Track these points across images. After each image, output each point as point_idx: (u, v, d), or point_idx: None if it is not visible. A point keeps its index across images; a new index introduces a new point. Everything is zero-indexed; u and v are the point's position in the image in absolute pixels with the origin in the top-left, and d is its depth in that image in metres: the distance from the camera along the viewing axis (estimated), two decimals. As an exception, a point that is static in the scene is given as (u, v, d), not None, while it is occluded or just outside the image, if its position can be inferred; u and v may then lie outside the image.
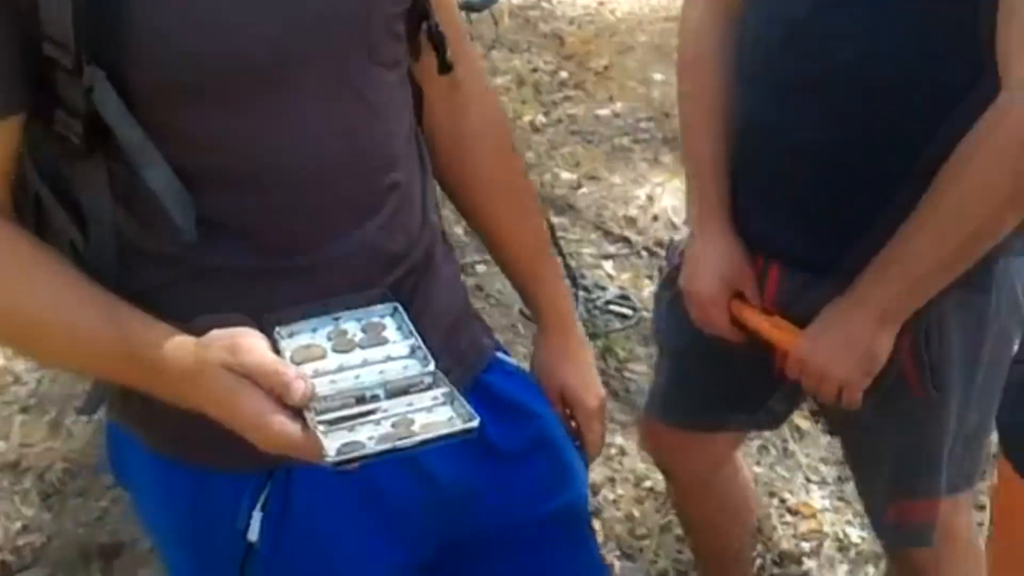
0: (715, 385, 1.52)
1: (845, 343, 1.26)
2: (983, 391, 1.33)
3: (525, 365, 1.24)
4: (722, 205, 1.37)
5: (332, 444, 0.81)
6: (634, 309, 2.81)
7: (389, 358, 0.90)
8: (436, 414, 0.84)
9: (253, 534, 1.04)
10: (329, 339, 0.92)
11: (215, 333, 0.88)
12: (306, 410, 0.84)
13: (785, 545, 2.16)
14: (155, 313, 0.93)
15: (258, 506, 1.04)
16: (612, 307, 2.82)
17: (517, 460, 1.14)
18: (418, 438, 0.81)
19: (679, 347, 1.55)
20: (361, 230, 1.00)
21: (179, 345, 0.89)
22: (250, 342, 0.86)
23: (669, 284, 1.53)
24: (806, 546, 2.16)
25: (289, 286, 0.98)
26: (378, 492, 1.07)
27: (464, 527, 1.14)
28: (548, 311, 1.23)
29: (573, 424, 1.24)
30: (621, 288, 2.89)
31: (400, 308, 0.95)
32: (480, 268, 2.71)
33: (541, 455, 1.17)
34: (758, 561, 2.09)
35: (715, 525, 1.79)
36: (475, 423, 0.81)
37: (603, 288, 2.86)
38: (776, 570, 2.11)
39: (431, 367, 0.88)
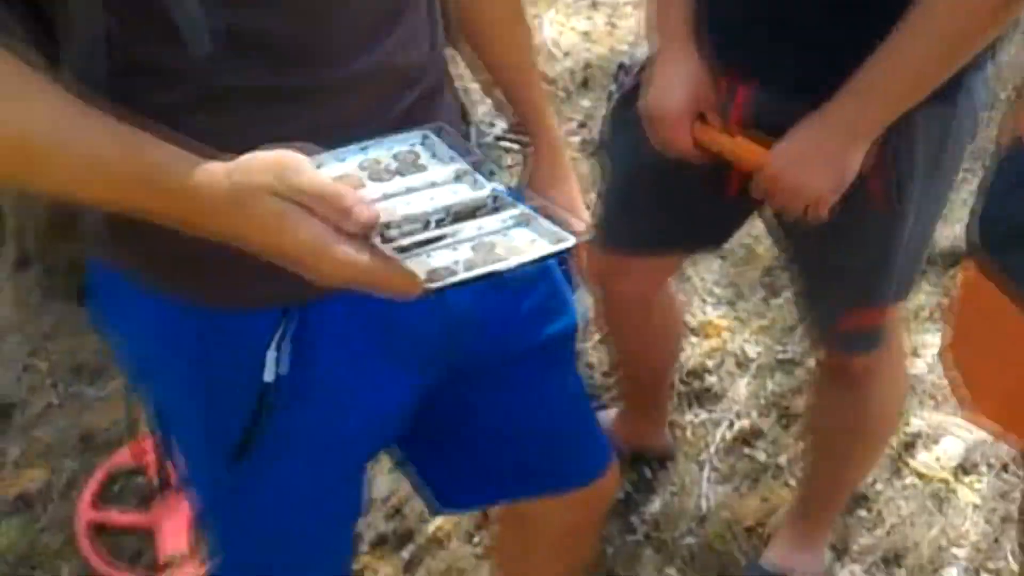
0: (666, 207, 1.54)
1: (817, 158, 1.28)
2: (936, 201, 1.40)
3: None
4: (686, 21, 1.36)
5: (418, 270, 0.75)
6: (525, 143, 2.78)
7: (434, 184, 0.84)
8: (515, 236, 0.79)
9: (269, 374, 0.99)
10: (363, 168, 0.85)
11: (252, 156, 0.79)
12: (370, 236, 0.78)
13: (691, 363, 2.24)
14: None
15: (274, 344, 0.99)
16: (503, 142, 2.78)
17: (521, 287, 1.13)
18: (517, 260, 0.76)
19: (630, 171, 1.55)
20: (380, 44, 0.94)
21: (209, 170, 0.80)
22: (297, 164, 0.78)
23: (622, 107, 1.51)
24: (709, 363, 2.26)
25: (308, 107, 0.92)
26: (391, 321, 1.04)
27: (469, 353, 1.13)
28: (538, 132, 1.21)
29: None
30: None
31: (432, 134, 0.89)
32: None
33: (542, 281, 1.16)
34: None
35: (648, 348, 1.84)
36: (570, 242, 0.77)
37: (491, 124, 2.81)
38: (683, 388, 2.20)
39: (489, 189, 0.83)
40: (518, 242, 0.79)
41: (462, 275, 0.75)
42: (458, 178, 0.85)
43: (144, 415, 1.96)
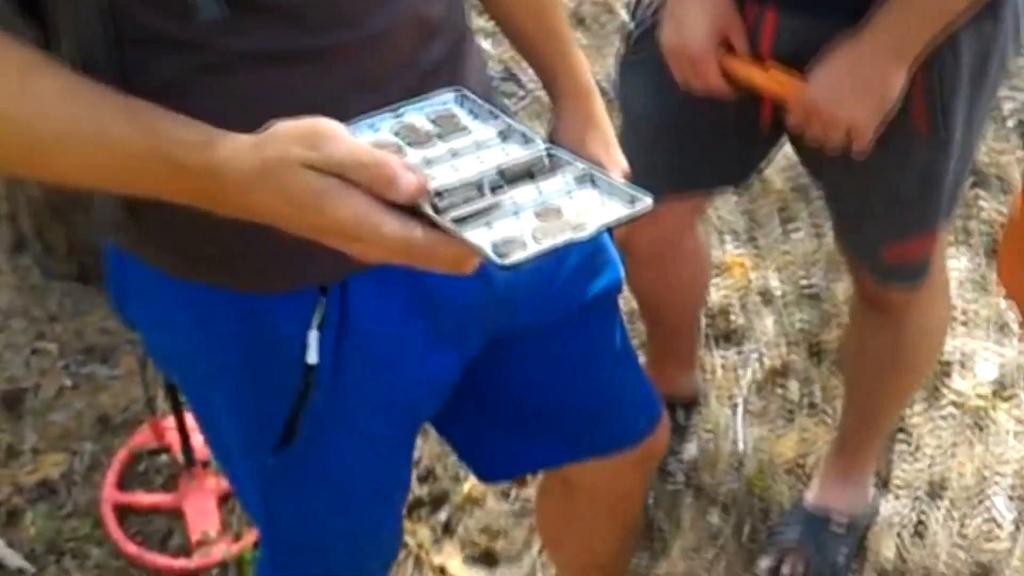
0: (690, 146, 1.48)
1: (857, 84, 1.22)
2: (980, 118, 1.33)
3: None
4: None
5: (482, 243, 0.68)
6: (522, 87, 2.70)
7: (479, 144, 0.77)
8: (580, 198, 0.72)
9: (312, 356, 0.94)
10: (398, 134, 0.77)
11: (280, 126, 0.72)
12: (420, 207, 0.71)
13: (714, 302, 2.19)
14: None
15: (314, 325, 0.93)
16: (500, 88, 2.70)
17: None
18: (595, 227, 0.69)
19: (650, 111, 1.48)
20: None
21: (234, 144, 0.73)
22: (332, 131, 0.70)
23: (639, 46, 1.45)
24: (733, 300, 2.21)
25: (328, 69, 0.86)
26: (431, 297, 0.99)
27: (512, 320, 1.09)
28: (566, 76, 1.14)
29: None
30: (503, 65, 2.77)
31: (466, 92, 0.81)
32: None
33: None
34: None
35: (674, 293, 1.79)
36: (648, 202, 0.71)
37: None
38: (708, 328, 2.16)
39: (542, 144, 0.76)
40: (585, 204, 0.71)
41: (538, 247, 0.67)
42: (504, 136, 0.78)
43: (162, 393, 1.92)
